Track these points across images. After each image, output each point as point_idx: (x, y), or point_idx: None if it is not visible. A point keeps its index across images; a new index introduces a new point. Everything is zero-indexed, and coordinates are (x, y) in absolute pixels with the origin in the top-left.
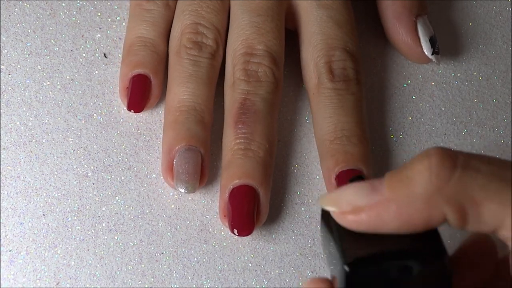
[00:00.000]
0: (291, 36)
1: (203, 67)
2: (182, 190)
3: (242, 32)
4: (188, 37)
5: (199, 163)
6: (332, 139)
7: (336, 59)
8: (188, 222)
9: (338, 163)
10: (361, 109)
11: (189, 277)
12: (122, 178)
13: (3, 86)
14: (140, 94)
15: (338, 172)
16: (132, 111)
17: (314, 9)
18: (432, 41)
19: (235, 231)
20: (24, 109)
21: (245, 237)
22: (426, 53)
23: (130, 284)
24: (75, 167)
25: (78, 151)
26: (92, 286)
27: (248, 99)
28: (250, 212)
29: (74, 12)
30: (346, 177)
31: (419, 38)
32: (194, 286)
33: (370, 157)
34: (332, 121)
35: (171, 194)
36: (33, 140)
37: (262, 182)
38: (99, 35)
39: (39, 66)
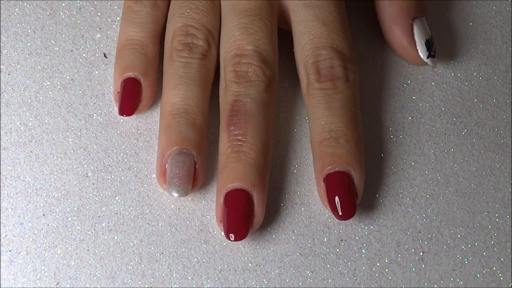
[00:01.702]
0: (291, 36)
1: (194, 68)
2: (175, 194)
3: (231, 34)
4: (179, 40)
5: (192, 166)
6: (320, 141)
7: (323, 58)
8: (188, 222)
9: (325, 166)
10: (350, 108)
11: (189, 277)
12: (122, 178)
13: (3, 86)
14: (131, 99)
15: (325, 175)
16: (124, 115)
17: (301, 9)
18: (428, 44)
19: (231, 236)
20: (24, 109)
21: (245, 237)
22: (422, 56)
23: (130, 284)
24: (75, 167)
25: (78, 151)
26: (92, 286)
27: (238, 100)
28: (243, 216)
29: (74, 12)
30: (334, 180)
31: (415, 41)
32: (194, 286)
33: (360, 156)
34: (319, 122)
35: None
36: (33, 140)
37: (254, 184)
38: (99, 35)
39: (39, 66)
